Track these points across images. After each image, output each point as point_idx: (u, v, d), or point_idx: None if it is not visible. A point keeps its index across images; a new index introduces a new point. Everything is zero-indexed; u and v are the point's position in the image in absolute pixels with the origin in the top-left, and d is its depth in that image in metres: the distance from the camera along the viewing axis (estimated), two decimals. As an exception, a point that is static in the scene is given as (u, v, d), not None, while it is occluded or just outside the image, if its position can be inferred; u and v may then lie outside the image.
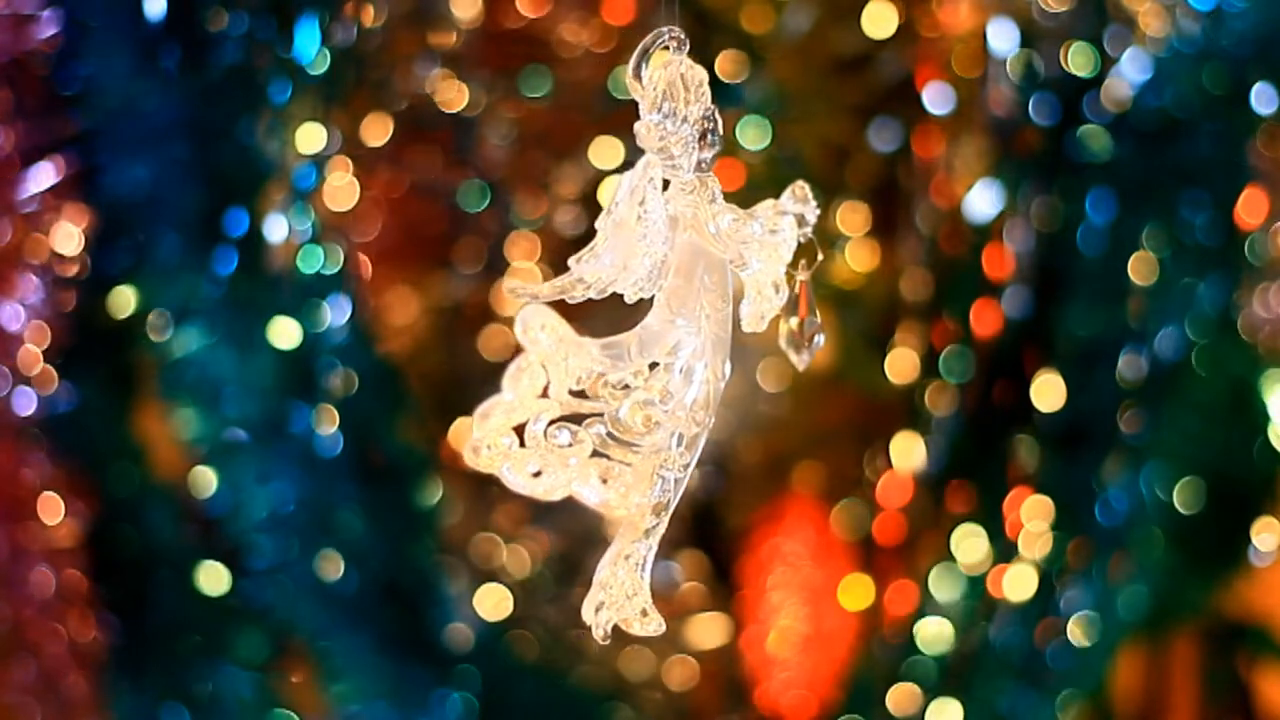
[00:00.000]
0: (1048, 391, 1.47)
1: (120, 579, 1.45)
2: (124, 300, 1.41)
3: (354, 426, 1.39)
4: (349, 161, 1.43)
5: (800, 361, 0.86)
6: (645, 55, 0.80)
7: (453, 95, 1.45)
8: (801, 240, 0.84)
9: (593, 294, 0.82)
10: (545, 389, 0.81)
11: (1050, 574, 1.49)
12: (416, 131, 1.48)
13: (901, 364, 1.50)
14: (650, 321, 0.83)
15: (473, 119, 1.47)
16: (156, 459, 1.50)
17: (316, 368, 1.38)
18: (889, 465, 1.53)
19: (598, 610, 0.82)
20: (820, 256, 0.85)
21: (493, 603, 1.51)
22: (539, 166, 1.48)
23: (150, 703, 1.49)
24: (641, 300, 0.83)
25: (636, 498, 0.81)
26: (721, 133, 0.82)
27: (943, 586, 1.51)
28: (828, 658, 1.56)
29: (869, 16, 1.45)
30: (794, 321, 0.85)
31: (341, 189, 1.43)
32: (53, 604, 1.39)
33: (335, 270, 1.39)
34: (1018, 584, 1.49)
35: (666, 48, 0.81)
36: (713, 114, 0.81)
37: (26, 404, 1.36)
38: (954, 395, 1.50)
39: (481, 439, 0.80)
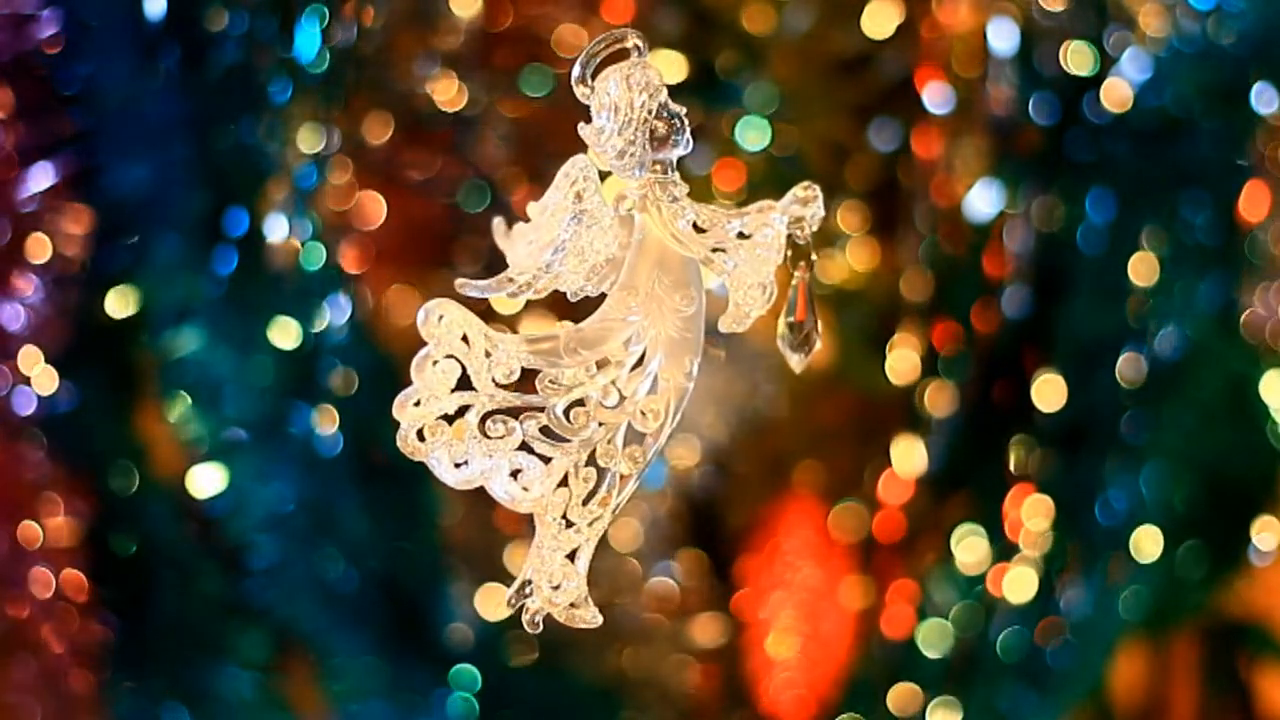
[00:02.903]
0: (1048, 391, 1.47)
1: (120, 579, 1.45)
2: (124, 300, 1.41)
3: (354, 426, 1.39)
4: (349, 161, 1.43)
5: (796, 363, 0.86)
6: (591, 59, 0.81)
7: (453, 95, 1.45)
8: (800, 241, 0.84)
9: (531, 293, 0.82)
10: (461, 380, 0.81)
11: (1050, 574, 1.49)
12: (416, 131, 1.48)
13: (901, 364, 1.50)
14: (596, 319, 0.83)
15: (473, 119, 1.46)
16: (156, 459, 1.50)
17: (316, 367, 1.38)
18: (889, 465, 1.53)
19: (520, 597, 0.84)
20: (815, 258, 0.84)
21: (493, 603, 1.51)
22: (539, 166, 1.48)
23: (150, 702, 1.49)
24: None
25: (538, 491, 0.82)
26: (686, 133, 0.82)
27: (943, 586, 1.51)
28: (828, 658, 1.56)
29: (869, 16, 1.45)
30: (787, 322, 0.85)
31: (341, 189, 1.43)
32: (53, 604, 1.39)
33: (335, 270, 1.39)
34: (1018, 584, 1.49)
35: (626, 52, 0.81)
36: (676, 115, 0.81)
37: (26, 404, 1.36)
38: (954, 395, 1.50)
39: (411, 427, 0.81)
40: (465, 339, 0.81)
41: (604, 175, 0.83)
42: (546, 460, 0.82)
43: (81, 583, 1.40)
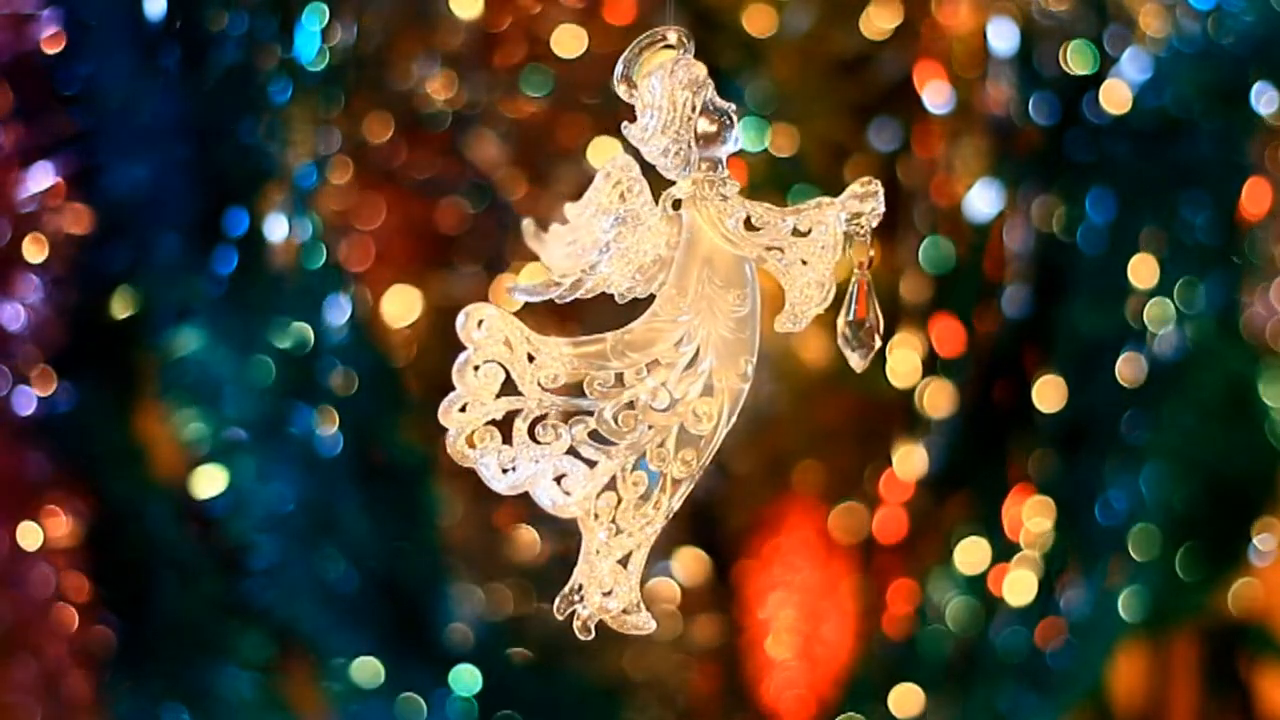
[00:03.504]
0: (1048, 392, 1.47)
1: (120, 579, 1.45)
2: (124, 300, 1.41)
3: (354, 426, 1.39)
4: (349, 161, 1.43)
5: (857, 362, 0.83)
6: (635, 57, 0.80)
7: (453, 95, 1.45)
8: (859, 238, 0.82)
9: (580, 294, 0.81)
10: (505, 385, 0.80)
11: (1050, 574, 1.49)
12: (417, 131, 1.48)
13: (902, 365, 1.50)
14: (645, 320, 0.81)
15: (472, 118, 1.46)
16: (157, 459, 1.50)
17: (317, 368, 1.38)
18: (889, 466, 1.53)
19: (569, 603, 0.82)
20: (873, 255, 0.82)
21: (493, 602, 1.51)
22: (539, 166, 1.48)
23: (150, 703, 1.49)
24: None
25: (579, 495, 0.80)
26: (734, 129, 0.80)
27: (943, 586, 1.51)
28: (828, 658, 1.56)
29: (869, 16, 1.45)
30: (847, 321, 0.82)
31: (342, 189, 1.43)
32: (53, 604, 1.39)
33: (335, 270, 1.39)
34: (1018, 584, 1.49)
35: (670, 47, 0.80)
36: (725, 112, 0.80)
37: (26, 404, 1.36)
38: (954, 396, 1.50)
39: (459, 432, 0.79)
40: (507, 343, 0.79)
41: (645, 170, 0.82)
42: (591, 464, 0.80)
43: (82, 583, 1.40)
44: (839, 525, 1.57)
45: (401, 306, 1.51)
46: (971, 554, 1.50)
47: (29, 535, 1.37)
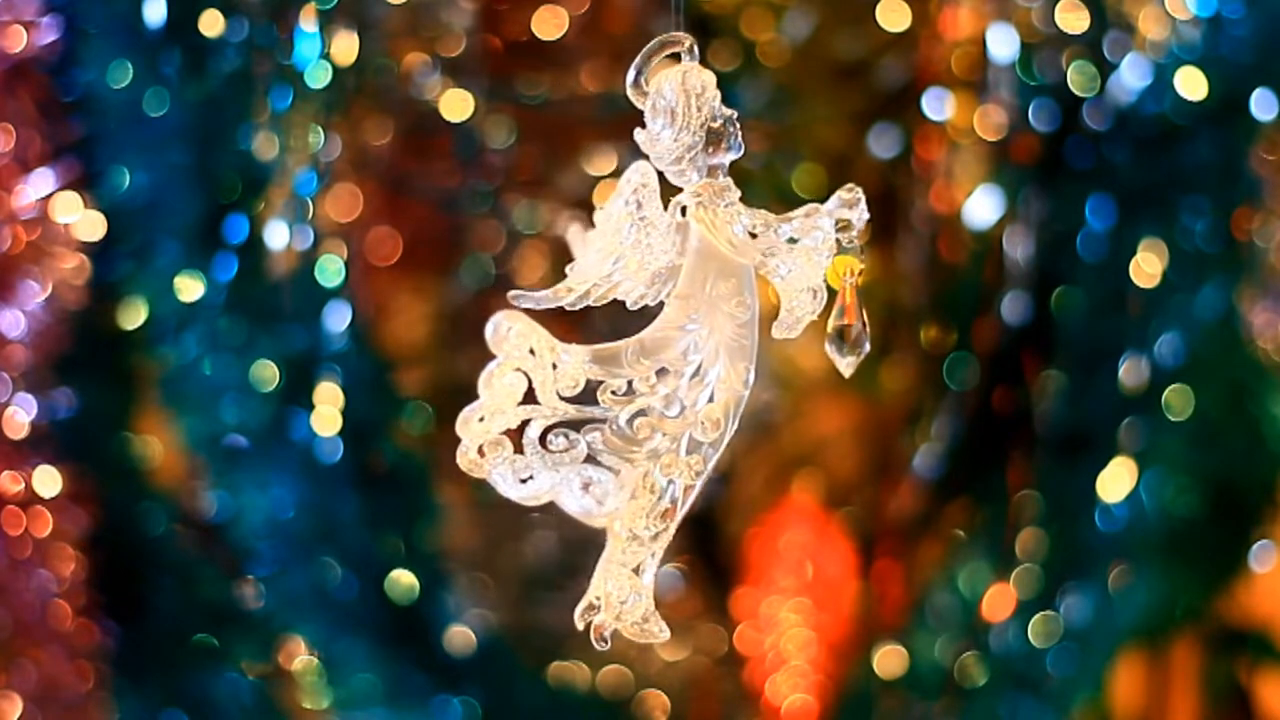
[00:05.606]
0: (1048, 398, 1.46)
1: (120, 585, 1.45)
2: (125, 307, 1.41)
3: (354, 433, 1.39)
4: (349, 168, 1.43)
5: (845, 367, 0.84)
6: (647, 63, 0.80)
7: (454, 102, 1.45)
8: (847, 245, 0.82)
9: (590, 301, 0.82)
10: (527, 393, 0.80)
11: (1050, 580, 1.49)
12: (417, 137, 1.48)
13: (902, 371, 1.50)
14: (656, 327, 0.82)
15: (473, 125, 1.47)
16: (157, 465, 1.50)
17: (316, 374, 1.38)
18: (889, 471, 1.53)
19: (590, 614, 0.82)
20: (863, 263, 0.83)
21: (494, 607, 1.51)
22: (539, 172, 1.48)
23: (150, 709, 1.49)
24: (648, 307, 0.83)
25: (613, 504, 0.81)
26: (738, 136, 0.81)
27: (943, 591, 1.50)
28: (827, 663, 1.56)
29: (868, 23, 1.45)
30: (835, 326, 0.83)
31: (342, 195, 1.43)
32: (53, 610, 1.39)
33: (336, 276, 1.39)
34: (1018, 590, 1.49)
35: (676, 55, 0.81)
36: (728, 119, 0.81)
37: (27, 410, 1.36)
38: (954, 402, 1.50)
39: (472, 443, 0.79)
40: (533, 352, 0.79)
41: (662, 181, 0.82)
42: (615, 473, 0.81)
43: (82, 589, 1.40)
44: (840, 530, 1.57)
45: (402, 313, 1.51)
46: (972, 560, 1.50)
47: (29, 541, 1.37)
